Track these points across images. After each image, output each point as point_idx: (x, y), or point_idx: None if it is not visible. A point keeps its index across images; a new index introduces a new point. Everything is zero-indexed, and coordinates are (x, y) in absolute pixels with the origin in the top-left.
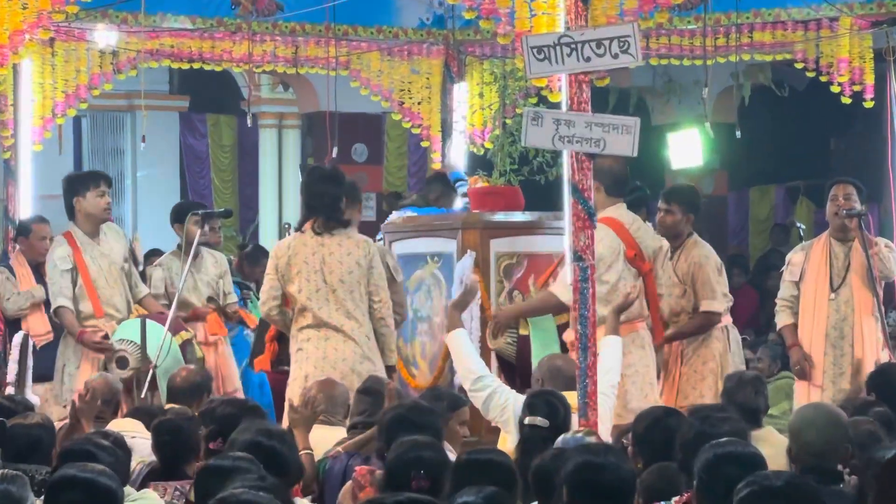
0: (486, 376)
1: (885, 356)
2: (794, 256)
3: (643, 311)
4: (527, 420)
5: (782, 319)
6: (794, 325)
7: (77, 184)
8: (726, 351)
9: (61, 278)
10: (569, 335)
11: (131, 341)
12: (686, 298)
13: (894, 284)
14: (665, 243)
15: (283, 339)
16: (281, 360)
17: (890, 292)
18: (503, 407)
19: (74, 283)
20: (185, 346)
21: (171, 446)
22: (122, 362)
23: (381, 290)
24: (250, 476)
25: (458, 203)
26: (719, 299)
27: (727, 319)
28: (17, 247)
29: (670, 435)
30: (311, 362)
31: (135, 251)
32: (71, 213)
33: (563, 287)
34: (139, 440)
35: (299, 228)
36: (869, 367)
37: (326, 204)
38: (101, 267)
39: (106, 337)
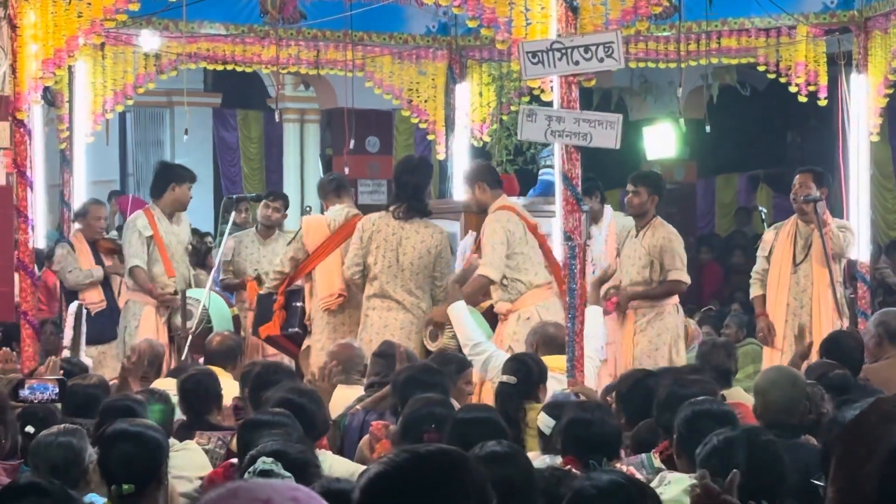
0: (483, 342)
1: (837, 324)
2: (767, 235)
3: (549, 277)
4: (502, 378)
5: (754, 290)
6: (763, 296)
7: (178, 174)
8: (678, 326)
9: (139, 242)
10: (500, 307)
11: (196, 299)
12: (651, 269)
13: (848, 263)
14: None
15: (289, 308)
16: (290, 324)
17: (851, 271)
18: (498, 368)
19: (147, 248)
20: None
21: (195, 399)
22: (188, 314)
23: (444, 275)
24: (276, 431)
25: None
26: (685, 271)
27: (676, 299)
28: (76, 226)
29: (650, 394)
30: (374, 329)
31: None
32: (159, 193)
33: (490, 267)
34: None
35: (386, 209)
36: (824, 334)
37: (409, 194)
38: (171, 242)
39: (175, 293)
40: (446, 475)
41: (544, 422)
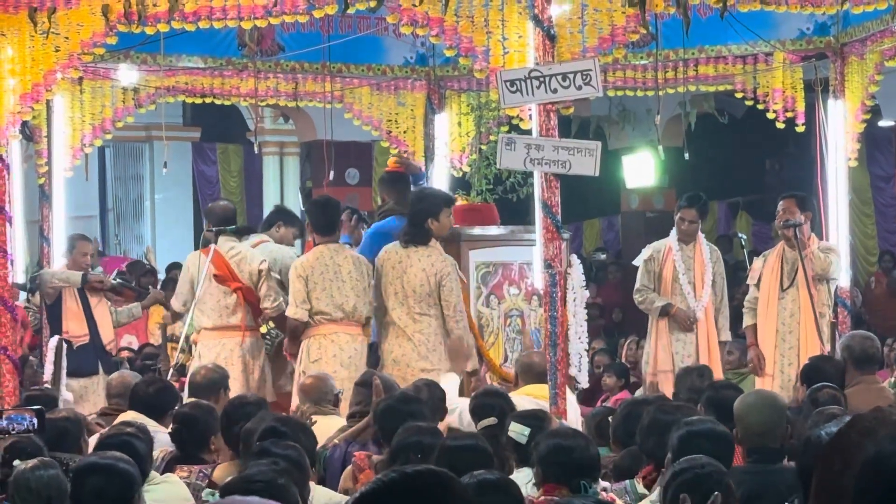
0: (455, 403)
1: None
2: (756, 262)
3: (239, 322)
4: (483, 422)
5: (746, 320)
6: (755, 326)
7: (287, 215)
8: None
9: None
10: (194, 336)
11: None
12: None
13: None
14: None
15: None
16: None
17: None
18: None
19: None
20: None
21: (185, 433)
22: None
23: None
24: (263, 462)
25: None
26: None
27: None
28: (62, 261)
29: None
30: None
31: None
32: (266, 229)
33: (175, 296)
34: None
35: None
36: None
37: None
38: None
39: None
40: (434, 494)
41: (517, 430)
